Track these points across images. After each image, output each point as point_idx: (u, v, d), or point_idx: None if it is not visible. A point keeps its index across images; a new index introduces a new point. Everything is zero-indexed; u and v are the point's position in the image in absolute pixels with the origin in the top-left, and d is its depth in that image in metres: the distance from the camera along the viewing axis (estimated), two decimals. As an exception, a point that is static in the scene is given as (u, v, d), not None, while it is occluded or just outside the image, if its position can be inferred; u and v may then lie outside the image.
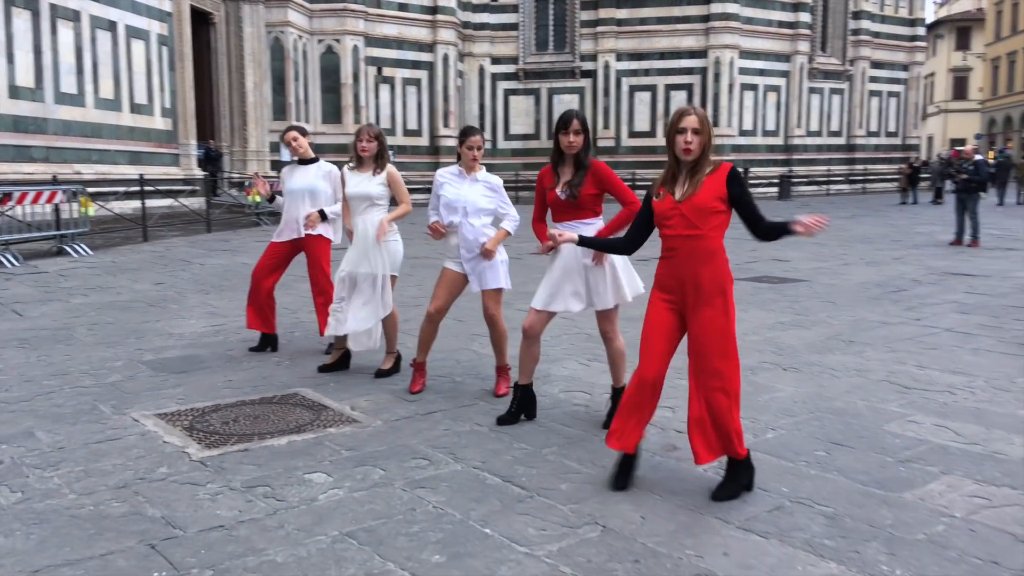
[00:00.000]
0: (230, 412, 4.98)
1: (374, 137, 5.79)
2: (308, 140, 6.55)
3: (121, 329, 7.55)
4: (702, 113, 3.66)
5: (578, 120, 4.61)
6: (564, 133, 4.60)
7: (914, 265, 12.10)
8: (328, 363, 6.05)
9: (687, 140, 3.58)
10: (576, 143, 4.60)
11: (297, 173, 6.51)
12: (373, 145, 5.77)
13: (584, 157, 4.66)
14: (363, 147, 5.75)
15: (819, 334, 7.24)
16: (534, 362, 4.85)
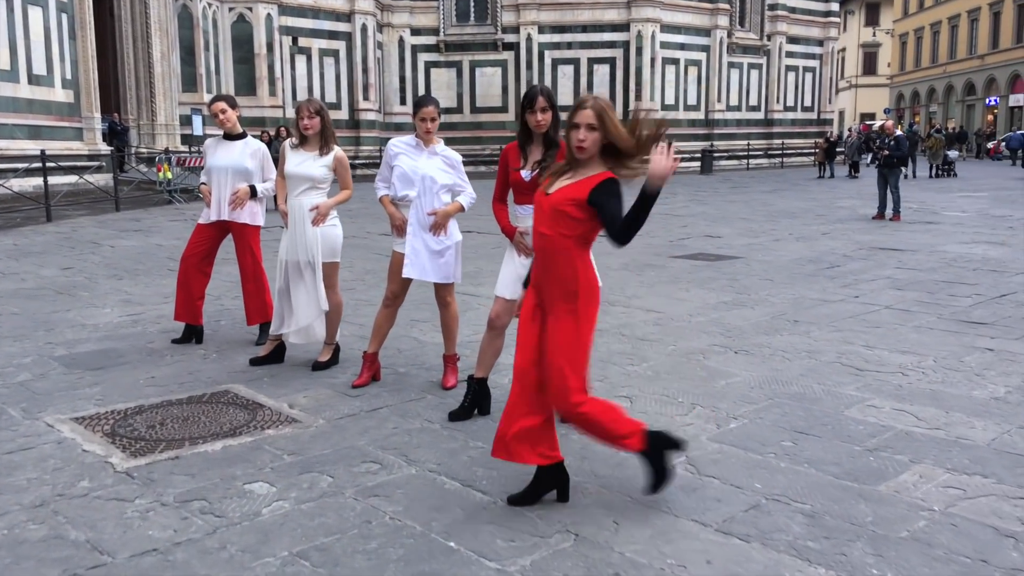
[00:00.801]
0: (155, 414, 4.58)
1: (315, 112, 5.32)
2: (237, 113, 6.08)
3: (28, 320, 6.99)
4: (602, 106, 3.22)
5: (544, 96, 4.29)
6: (531, 112, 4.29)
7: (842, 240, 12.22)
8: (261, 355, 5.65)
9: (580, 137, 3.21)
10: (544, 121, 4.29)
11: (222, 149, 6.06)
12: (316, 122, 5.31)
13: (554, 134, 4.39)
14: (305, 124, 5.30)
15: (763, 313, 7.15)
16: (496, 355, 4.58)
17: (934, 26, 59.44)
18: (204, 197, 6.12)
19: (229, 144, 6.04)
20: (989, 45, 51.89)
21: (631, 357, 5.71)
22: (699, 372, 5.36)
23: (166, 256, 10.74)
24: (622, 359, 5.68)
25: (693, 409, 4.60)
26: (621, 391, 4.96)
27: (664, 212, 17.23)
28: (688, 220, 15.57)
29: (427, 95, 6.19)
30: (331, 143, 5.42)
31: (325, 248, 5.38)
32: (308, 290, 5.35)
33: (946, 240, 12.04)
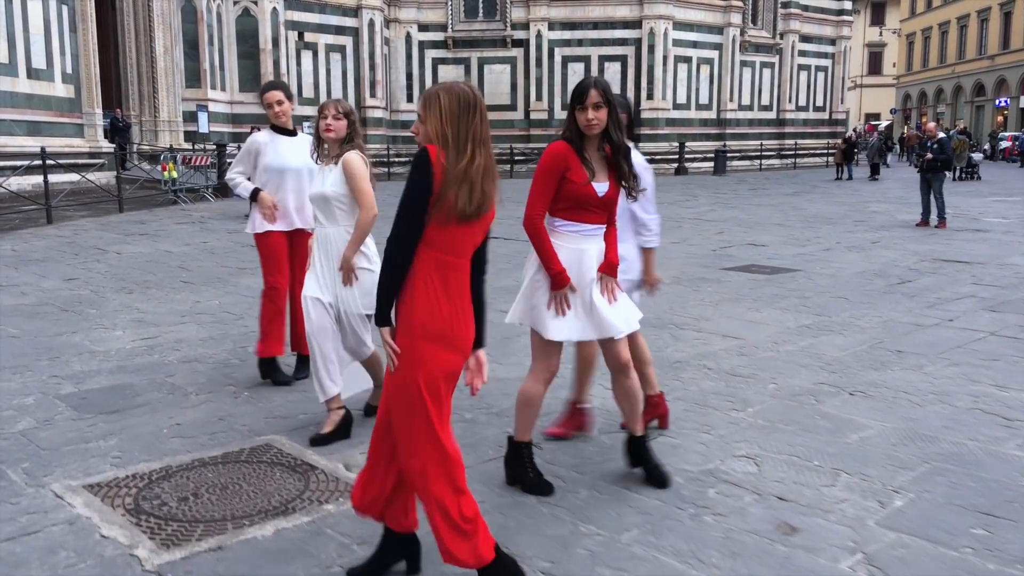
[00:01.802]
0: (187, 479, 3.77)
1: (343, 114, 4.29)
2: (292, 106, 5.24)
3: (29, 346, 6.16)
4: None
5: (598, 90, 3.49)
6: (581, 109, 3.49)
7: (897, 250, 11.43)
8: (325, 432, 4.28)
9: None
10: (598, 120, 3.49)
11: (284, 146, 5.15)
12: (341, 124, 4.27)
13: (618, 137, 3.57)
14: (327, 125, 4.26)
15: (856, 341, 6.35)
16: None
17: (943, 26, 58.70)
18: (265, 208, 5.12)
19: (290, 141, 5.18)
20: (1000, 45, 51.16)
21: (730, 399, 4.92)
22: (819, 421, 4.56)
23: (177, 265, 9.92)
24: (720, 402, 4.89)
25: (838, 477, 3.80)
26: (738, 448, 4.15)
27: (692, 216, 16.45)
28: (721, 226, 14.77)
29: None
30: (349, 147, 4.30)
31: (367, 301, 4.19)
32: (353, 333, 4.37)
33: (1008, 251, 11.26)
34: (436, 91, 2.69)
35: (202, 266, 9.93)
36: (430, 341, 2.67)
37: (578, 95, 3.52)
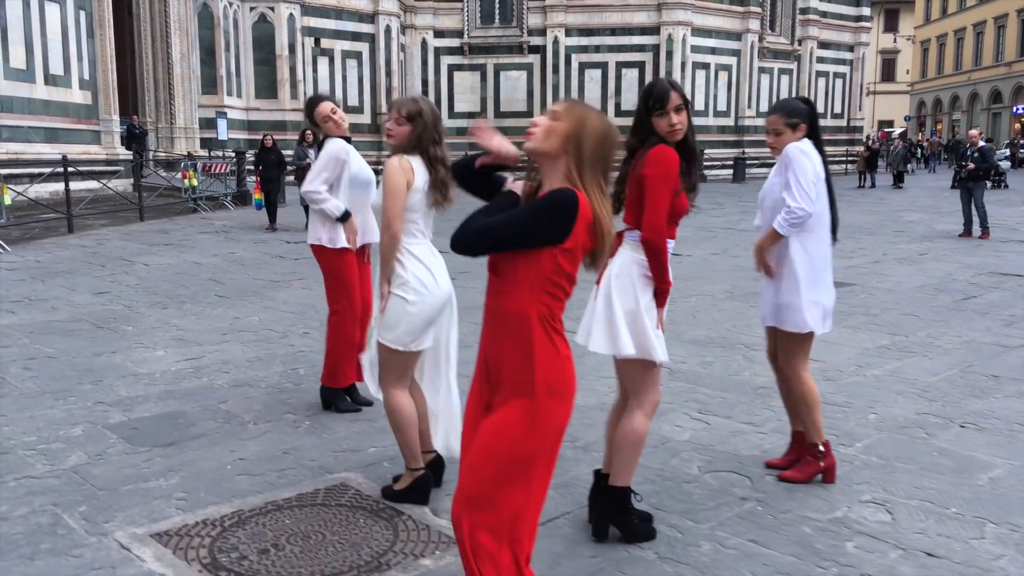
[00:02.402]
0: (263, 526, 3.41)
1: (406, 118, 3.64)
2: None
3: (68, 367, 5.81)
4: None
5: (677, 92, 3.22)
6: (661, 113, 3.18)
7: (949, 263, 11.03)
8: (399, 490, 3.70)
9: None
10: (681, 124, 3.21)
11: (355, 158, 4.82)
12: (403, 131, 3.64)
13: (693, 142, 3.30)
14: (388, 129, 3.70)
15: (944, 364, 5.97)
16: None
17: (958, 32, 58.26)
18: (351, 234, 4.76)
19: (356, 153, 4.85)
20: (1017, 52, 50.71)
21: (833, 432, 4.53)
22: (938, 459, 4.18)
23: (208, 278, 9.57)
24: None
25: (984, 527, 3.42)
26: (861, 492, 3.77)
27: (723, 226, 16.10)
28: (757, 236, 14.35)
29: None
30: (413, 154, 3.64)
31: (386, 334, 3.57)
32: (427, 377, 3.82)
33: (1065, 264, 10.87)
34: (585, 111, 2.32)
35: (234, 279, 9.58)
36: (554, 397, 2.30)
37: (658, 99, 3.19)
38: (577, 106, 2.33)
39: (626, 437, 3.32)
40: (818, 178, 3.73)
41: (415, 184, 3.58)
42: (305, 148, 14.66)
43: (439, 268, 3.63)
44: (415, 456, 3.66)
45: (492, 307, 2.33)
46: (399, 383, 3.62)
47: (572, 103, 2.35)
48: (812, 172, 3.71)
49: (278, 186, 15.64)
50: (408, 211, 3.57)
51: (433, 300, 3.56)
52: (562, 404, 2.33)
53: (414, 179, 3.58)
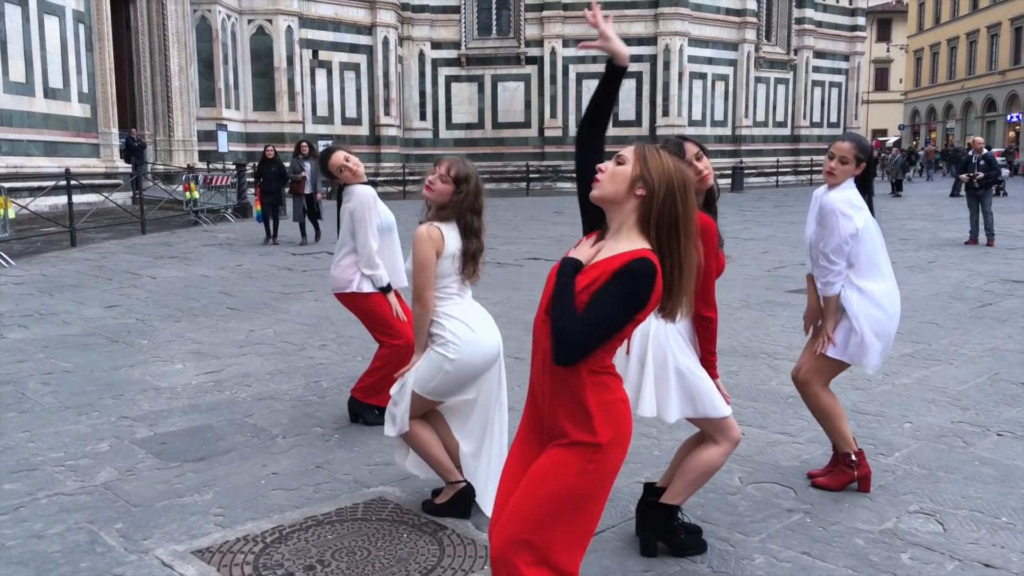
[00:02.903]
0: (306, 542, 3.34)
1: (452, 178, 3.46)
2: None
3: (87, 381, 5.74)
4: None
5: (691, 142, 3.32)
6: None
7: (960, 271, 11.01)
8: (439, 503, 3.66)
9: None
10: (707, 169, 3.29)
11: (379, 202, 4.75)
12: (446, 188, 3.47)
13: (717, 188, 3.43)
14: (429, 182, 3.52)
15: (972, 372, 5.93)
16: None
17: (951, 41, 58.59)
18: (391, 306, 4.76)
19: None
20: (1011, 60, 50.98)
21: (871, 442, 4.48)
22: (980, 468, 4.13)
23: (218, 291, 9.50)
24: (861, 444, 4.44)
25: (1039, 537, 3.38)
26: (908, 503, 3.72)
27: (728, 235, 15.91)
28: (763, 244, 14.38)
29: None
30: (449, 219, 3.49)
31: (420, 371, 3.49)
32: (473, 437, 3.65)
33: (1075, 271, 10.86)
34: (651, 151, 2.22)
35: (244, 291, 9.51)
36: (615, 443, 2.23)
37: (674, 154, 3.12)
38: (643, 147, 2.26)
39: (699, 464, 3.25)
40: (856, 232, 3.69)
41: (445, 251, 3.45)
42: (301, 160, 14.59)
43: (481, 322, 3.52)
44: (450, 471, 3.59)
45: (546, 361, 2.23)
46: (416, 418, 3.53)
47: (639, 145, 2.27)
48: (849, 230, 3.66)
49: (279, 198, 15.42)
50: (440, 277, 3.45)
51: (475, 354, 3.43)
52: (621, 448, 2.26)
53: (444, 247, 3.45)
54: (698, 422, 3.29)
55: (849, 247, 3.72)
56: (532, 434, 2.32)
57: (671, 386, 3.19)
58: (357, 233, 4.60)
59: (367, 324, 4.82)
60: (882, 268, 3.84)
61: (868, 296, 3.77)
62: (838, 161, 3.77)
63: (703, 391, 3.20)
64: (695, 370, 3.21)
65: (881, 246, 3.85)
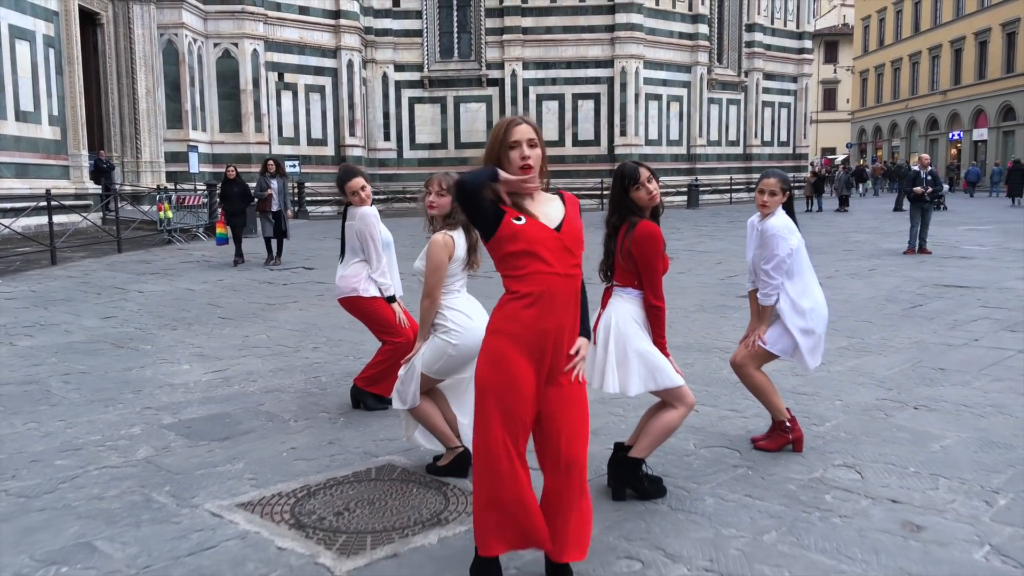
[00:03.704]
0: (332, 497, 3.96)
1: (447, 189, 4.17)
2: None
3: (104, 380, 6.28)
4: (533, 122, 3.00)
5: (645, 168, 3.97)
6: (637, 188, 3.88)
7: (897, 277, 11.90)
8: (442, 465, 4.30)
9: (525, 154, 2.89)
10: (656, 190, 3.96)
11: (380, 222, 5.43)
12: (445, 201, 4.17)
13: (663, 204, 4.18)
14: (430, 202, 4.22)
15: (898, 360, 6.72)
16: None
17: (895, 63, 60.67)
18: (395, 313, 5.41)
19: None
20: (951, 81, 52.99)
21: (805, 416, 5.20)
22: (897, 433, 4.87)
23: (206, 303, 10.04)
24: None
25: (938, 481, 4.10)
26: (834, 459, 4.45)
27: (685, 248, 16.89)
28: (717, 256, 15.21)
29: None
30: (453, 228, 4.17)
31: (426, 355, 4.13)
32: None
33: (1001, 276, 11.78)
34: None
35: (231, 303, 10.06)
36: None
37: (631, 177, 3.89)
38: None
39: (661, 425, 3.95)
40: (791, 249, 4.43)
41: (456, 255, 4.12)
42: (267, 178, 14.48)
43: (477, 312, 4.20)
44: (450, 437, 4.24)
45: (563, 287, 2.89)
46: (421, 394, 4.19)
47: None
48: (785, 251, 4.40)
49: (243, 220, 15.22)
50: (448, 277, 4.13)
51: (473, 339, 3.99)
52: None
53: (455, 251, 4.11)
54: (659, 393, 3.98)
55: (787, 265, 4.45)
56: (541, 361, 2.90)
57: (632, 366, 3.88)
58: (368, 248, 5.24)
59: (370, 326, 5.44)
60: (807, 280, 4.57)
61: (796, 304, 4.51)
62: (768, 195, 4.51)
63: (660, 367, 3.89)
64: (651, 351, 3.90)
65: (807, 263, 4.59)
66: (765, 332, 4.56)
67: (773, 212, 4.53)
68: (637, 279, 3.90)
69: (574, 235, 2.90)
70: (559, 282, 2.85)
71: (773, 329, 4.56)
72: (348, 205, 5.37)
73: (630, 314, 3.90)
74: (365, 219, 5.26)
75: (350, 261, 5.35)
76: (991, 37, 48.42)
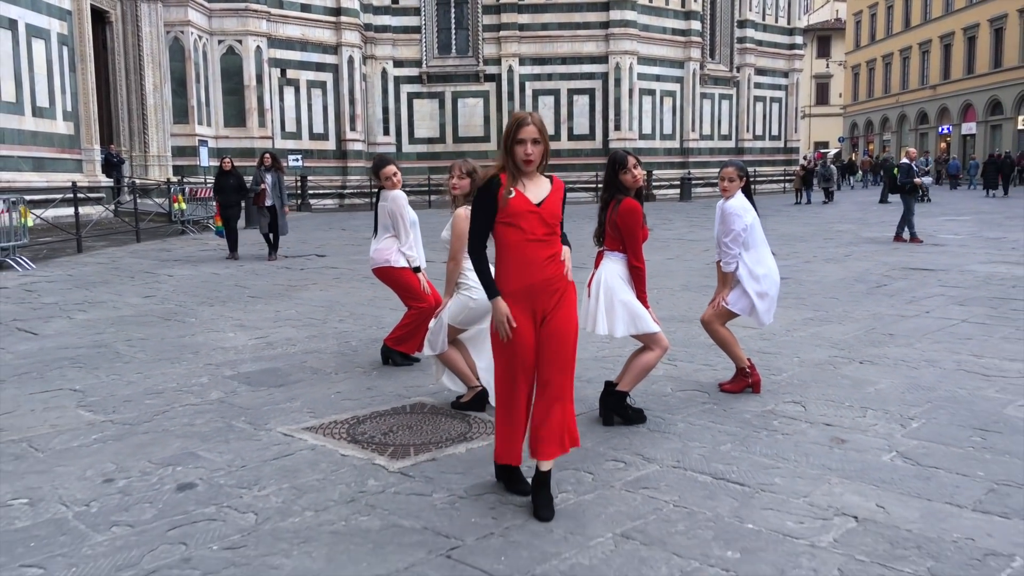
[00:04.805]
0: (378, 423, 4.92)
1: (467, 173, 5.10)
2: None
3: (163, 345, 7.23)
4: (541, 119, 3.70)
5: (632, 155, 4.95)
6: (625, 172, 4.85)
7: (869, 262, 12.88)
8: (464, 401, 5.25)
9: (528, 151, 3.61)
10: (641, 175, 4.94)
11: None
12: (465, 183, 5.09)
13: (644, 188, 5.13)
14: (453, 184, 5.16)
15: (855, 328, 7.68)
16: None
17: (886, 58, 61.68)
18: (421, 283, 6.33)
19: None
20: (941, 75, 54.01)
21: (764, 368, 6.16)
22: (841, 380, 5.84)
23: (234, 284, 10.98)
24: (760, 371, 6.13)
25: (867, 412, 5.07)
26: (785, 397, 5.41)
27: (675, 237, 17.84)
28: (705, 244, 16.15)
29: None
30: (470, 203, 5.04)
31: (451, 309, 5.07)
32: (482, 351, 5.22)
33: (965, 260, 12.77)
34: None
35: (257, 284, 11.00)
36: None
37: (621, 162, 4.88)
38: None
39: (641, 363, 4.94)
40: (747, 224, 5.37)
41: None
42: (262, 172, 14.09)
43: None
44: (470, 378, 5.20)
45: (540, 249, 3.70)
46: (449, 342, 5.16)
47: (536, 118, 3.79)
48: (740, 226, 5.35)
49: (238, 212, 14.81)
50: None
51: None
52: None
53: None
54: (640, 337, 4.93)
55: (743, 238, 5.42)
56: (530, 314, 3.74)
57: (617, 313, 4.84)
58: (398, 225, 6.19)
59: (399, 292, 6.39)
60: (761, 252, 5.53)
61: (753, 271, 5.47)
62: (728, 181, 5.48)
63: (640, 315, 4.85)
64: (634, 302, 4.87)
65: (762, 237, 5.55)
66: (728, 295, 5.52)
67: (733, 195, 5.47)
68: (622, 244, 4.85)
69: (551, 211, 3.75)
70: (536, 246, 3.69)
71: (734, 292, 5.52)
72: (381, 188, 6.31)
73: (617, 272, 4.86)
74: (396, 201, 6.20)
75: (382, 236, 6.29)
76: (979, 32, 49.45)
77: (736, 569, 3.13)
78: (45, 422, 5.02)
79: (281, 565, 3.17)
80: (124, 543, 3.36)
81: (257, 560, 3.21)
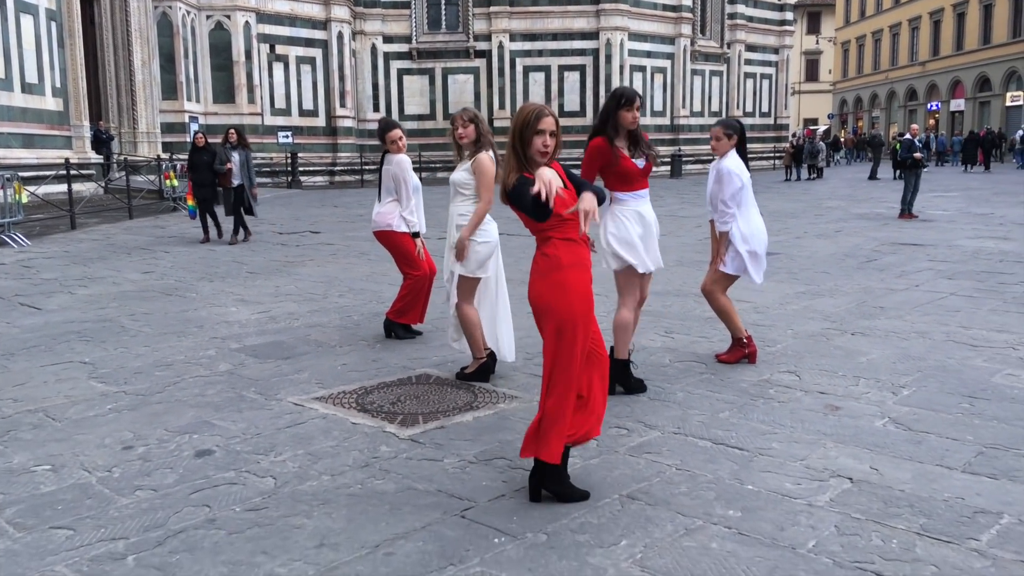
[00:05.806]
0: (385, 393, 5.04)
1: (469, 120, 5.30)
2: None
3: (168, 319, 7.32)
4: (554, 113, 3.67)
5: (639, 97, 4.96)
6: (628, 109, 4.83)
7: (860, 237, 13.06)
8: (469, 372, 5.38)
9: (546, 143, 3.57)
10: (638, 117, 4.92)
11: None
12: (470, 130, 5.28)
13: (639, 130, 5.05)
14: (460, 134, 5.30)
15: (846, 302, 7.84)
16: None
17: (876, 34, 61.71)
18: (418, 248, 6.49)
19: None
20: (930, 52, 54.13)
21: (760, 340, 6.30)
22: (834, 351, 6.00)
23: (232, 260, 11.05)
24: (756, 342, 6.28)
25: (859, 381, 5.23)
26: (780, 367, 5.57)
27: (667, 214, 17.95)
28: (697, 220, 16.29)
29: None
30: (485, 148, 5.30)
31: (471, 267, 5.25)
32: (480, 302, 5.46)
33: (953, 236, 12.95)
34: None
35: (254, 260, 11.08)
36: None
37: (629, 98, 4.89)
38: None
39: (616, 324, 5.07)
40: (742, 184, 5.49)
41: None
42: (228, 150, 13.13)
43: (492, 224, 5.35)
44: (479, 347, 5.33)
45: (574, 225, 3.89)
46: (468, 300, 5.30)
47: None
48: (737, 185, 5.46)
49: (212, 191, 13.33)
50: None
51: (491, 241, 5.26)
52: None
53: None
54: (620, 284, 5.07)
55: (739, 197, 5.53)
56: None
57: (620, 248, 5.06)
58: (400, 189, 6.30)
59: (396, 257, 6.51)
60: (750, 213, 5.65)
61: (742, 232, 5.59)
62: (715, 139, 5.58)
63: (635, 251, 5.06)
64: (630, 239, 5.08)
65: (752, 199, 5.68)
66: (726, 253, 5.64)
67: (726, 154, 5.57)
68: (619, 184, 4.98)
69: (571, 194, 3.87)
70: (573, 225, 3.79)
71: (727, 254, 5.63)
72: (386, 152, 6.40)
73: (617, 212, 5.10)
74: (400, 164, 6.31)
75: (385, 200, 6.40)
76: (968, 9, 49.53)
77: (738, 527, 3.28)
78: (59, 393, 5.13)
79: (303, 525, 3.30)
80: (149, 506, 3.49)
81: (280, 520, 3.34)
